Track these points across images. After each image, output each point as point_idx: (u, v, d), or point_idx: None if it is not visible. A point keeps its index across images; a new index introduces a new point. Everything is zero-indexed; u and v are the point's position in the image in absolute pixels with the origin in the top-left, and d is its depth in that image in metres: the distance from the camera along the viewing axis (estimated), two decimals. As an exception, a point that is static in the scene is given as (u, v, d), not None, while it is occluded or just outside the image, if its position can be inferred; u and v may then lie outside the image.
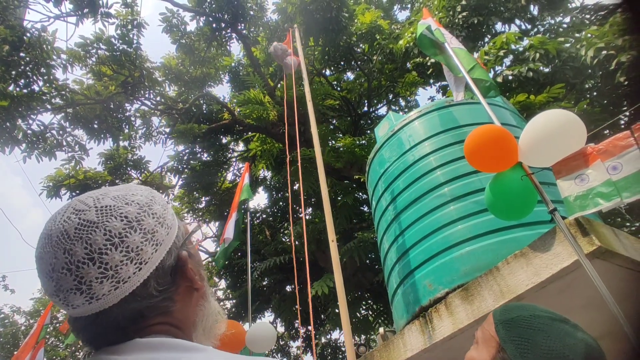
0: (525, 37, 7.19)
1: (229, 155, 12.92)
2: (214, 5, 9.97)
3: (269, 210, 12.63)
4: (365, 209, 10.52)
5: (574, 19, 7.76)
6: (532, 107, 6.03)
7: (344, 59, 10.76)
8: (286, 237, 10.98)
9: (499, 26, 8.71)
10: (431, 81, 10.56)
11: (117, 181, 10.87)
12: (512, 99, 6.10)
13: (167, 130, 11.73)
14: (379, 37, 9.81)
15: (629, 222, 6.97)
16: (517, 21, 8.63)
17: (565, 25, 8.08)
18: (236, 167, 13.34)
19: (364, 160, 8.59)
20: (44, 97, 8.23)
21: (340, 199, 9.53)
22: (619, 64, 5.69)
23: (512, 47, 7.04)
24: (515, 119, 3.69)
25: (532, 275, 2.14)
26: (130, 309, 0.57)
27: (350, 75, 12.47)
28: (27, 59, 7.44)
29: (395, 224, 3.54)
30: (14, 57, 7.17)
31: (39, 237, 0.58)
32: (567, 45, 6.63)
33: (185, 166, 11.84)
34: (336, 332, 12.20)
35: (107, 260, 0.54)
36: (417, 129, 3.80)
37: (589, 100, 6.57)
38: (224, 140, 12.41)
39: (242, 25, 10.47)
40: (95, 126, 9.67)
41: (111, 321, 0.56)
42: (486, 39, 8.70)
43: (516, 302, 0.92)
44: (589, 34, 6.30)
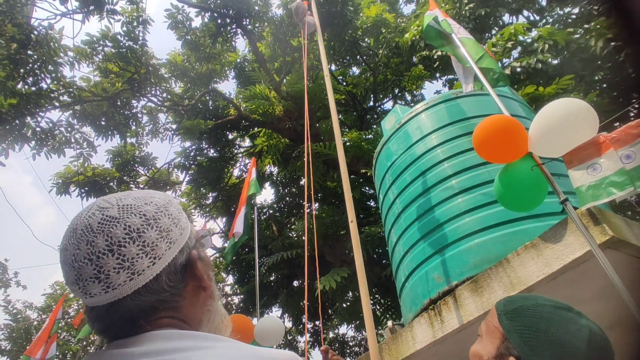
0: (533, 28, 7.10)
1: (236, 151, 12.95)
2: (218, 1, 9.95)
3: (276, 205, 12.66)
4: (372, 203, 10.51)
5: (583, 9, 7.63)
6: (541, 99, 5.96)
7: (349, 54, 10.71)
8: (293, 232, 11.00)
9: (506, 17, 8.61)
10: (437, 75, 10.46)
11: (125, 178, 10.96)
12: (520, 91, 6.03)
13: (174, 126, 11.78)
14: (384, 31, 9.74)
15: (639, 215, 6.88)
16: (525, 12, 8.52)
17: (574, 15, 7.94)
18: (242, 163, 13.38)
19: (370, 154, 8.57)
20: (52, 94, 8.30)
21: (346, 193, 9.50)
22: (628, 55, 5.60)
23: (520, 38, 6.95)
24: (524, 110, 3.65)
25: (543, 266, 2.12)
26: (142, 301, 0.60)
27: (355, 69, 12.42)
28: (35, 56, 7.50)
29: (402, 217, 3.53)
30: (22, 55, 7.23)
31: (65, 231, 0.63)
32: (576, 36, 6.53)
33: (192, 162, 11.89)
34: (343, 327, 12.25)
35: (124, 252, 0.59)
36: (425, 121, 3.77)
37: (598, 91, 6.48)
38: (230, 136, 12.43)
39: (247, 20, 10.45)
40: (102, 123, 9.74)
41: (124, 312, 0.60)
42: (493, 30, 8.60)
43: (519, 294, 0.92)
44: (598, 25, 6.20)
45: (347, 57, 11.02)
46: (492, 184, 2.49)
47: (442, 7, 8.10)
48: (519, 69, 6.44)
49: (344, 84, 11.83)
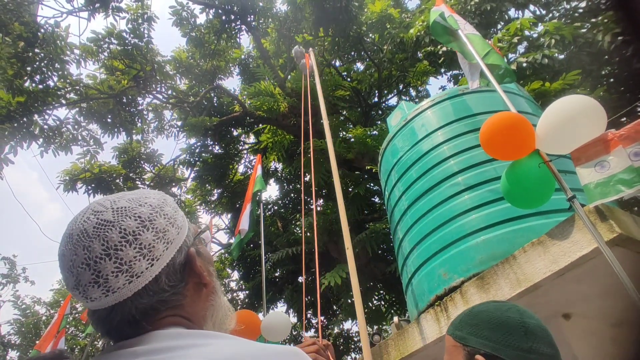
0: (539, 23, 7.03)
1: (240, 147, 12.98)
2: (223, -3, 9.95)
3: (281, 201, 12.70)
4: (376, 199, 10.51)
5: (590, 3, 7.54)
6: (547, 95, 5.92)
7: (354, 49, 10.66)
8: (298, 228, 11.04)
9: (512, 12, 8.54)
10: (442, 70, 10.41)
11: (130, 174, 11.04)
12: (526, 87, 5.99)
13: (179, 123, 11.82)
14: (389, 26, 9.68)
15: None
16: (531, 6, 8.43)
17: (581, 9, 7.85)
18: (247, 159, 13.42)
19: (375, 150, 8.56)
20: (58, 92, 8.36)
21: (351, 189, 9.53)
22: (635, 49, 5.54)
23: (527, 33, 6.88)
24: (530, 107, 3.64)
25: (549, 263, 2.13)
26: (143, 303, 0.61)
27: (360, 65, 12.37)
28: (42, 54, 7.55)
29: (409, 214, 3.54)
30: (29, 54, 7.28)
31: (62, 237, 0.62)
32: (584, 30, 6.45)
33: (197, 159, 11.95)
34: (349, 322, 12.31)
35: (122, 255, 0.59)
36: (430, 117, 3.77)
37: (605, 87, 6.41)
38: (235, 132, 12.46)
39: (252, 17, 10.43)
40: (108, 120, 9.80)
41: (125, 314, 0.60)
42: (499, 25, 8.53)
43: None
44: (605, 19, 6.13)
45: (352, 53, 10.98)
46: (499, 180, 2.49)
47: (447, 2, 8.04)
48: (525, 64, 6.38)
49: (349, 79, 11.80)
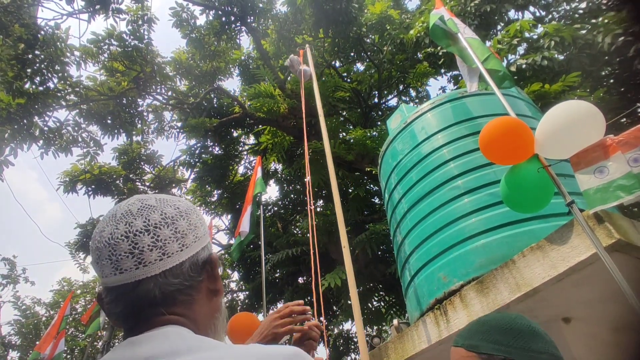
0: (539, 25, 7.03)
1: (240, 148, 12.99)
2: (223, -2, 9.95)
3: (280, 202, 12.70)
4: (376, 200, 10.51)
5: (590, 4, 7.55)
6: (547, 97, 5.92)
7: (353, 50, 10.67)
8: (298, 229, 11.04)
9: (512, 13, 8.54)
10: (442, 71, 10.41)
11: (131, 175, 11.04)
12: (526, 89, 5.99)
13: (179, 124, 11.83)
14: (389, 27, 9.69)
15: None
16: (531, 8, 8.44)
17: (581, 11, 7.86)
18: (247, 160, 13.43)
19: (375, 152, 8.56)
20: (59, 94, 8.37)
21: (351, 191, 9.54)
22: (638, 50, 5.54)
23: (526, 35, 6.89)
24: (530, 110, 3.64)
25: (548, 268, 2.13)
26: (166, 284, 0.64)
27: (360, 66, 12.37)
28: (42, 56, 7.56)
29: (408, 217, 3.54)
30: (29, 55, 7.29)
31: (103, 218, 0.69)
32: (584, 31, 6.45)
33: (197, 160, 11.95)
34: (348, 323, 12.31)
35: (159, 233, 0.65)
36: (430, 120, 3.77)
37: (606, 88, 6.42)
38: (235, 133, 12.46)
39: (252, 18, 10.44)
40: (108, 122, 9.81)
41: (148, 292, 0.63)
42: (499, 27, 8.53)
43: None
44: (605, 20, 6.13)
45: (352, 54, 10.98)
46: (498, 184, 2.49)
47: (447, 3, 8.04)
48: (524, 66, 6.39)
49: (348, 80, 11.80)
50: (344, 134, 10.53)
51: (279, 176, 12.86)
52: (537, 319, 2.46)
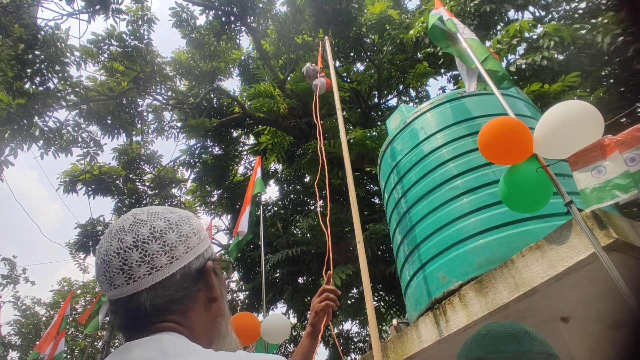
0: (539, 25, 7.04)
1: (240, 148, 13.00)
2: (222, -2, 9.96)
3: (280, 203, 12.71)
4: (376, 200, 10.52)
5: (590, 4, 7.56)
6: (547, 97, 5.93)
7: (353, 50, 10.68)
8: (298, 229, 11.04)
9: (511, 13, 8.54)
10: (442, 71, 10.42)
11: (131, 175, 11.05)
12: (525, 89, 6.00)
13: (179, 124, 11.83)
14: (389, 28, 9.69)
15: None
16: (531, 8, 8.44)
17: (580, 11, 7.87)
18: (247, 161, 13.44)
19: (375, 152, 8.56)
20: (59, 94, 8.38)
21: (351, 191, 9.51)
22: (637, 50, 5.55)
23: (526, 35, 6.90)
24: (529, 110, 3.64)
25: (547, 267, 2.13)
26: (157, 296, 0.66)
27: (360, 66, 12.38)
28: (42, 56, 7.57)
29: (407, 217, 3.55)
30: (29, 56, 7.30)
31: (104, 233, 0.73)
32: (583, 32, 6.46)
33: (197, 160, 11.96)
34: (348, 323, 12.31)
35: (147, 248, 0.67)
36: (430, 120, 3.78)
37: (605, 88, 6.43)
38: (235, 133, 12.47)
39: (251, 18, 10.45)
40: (108, 122, 9.81)
41: (140, 305, 0.66)
42: (499, 27, 8.54)
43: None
44: (605, 20, 6.14)
45: (352, 54, 10.99)
46: (498, 184, 2.50)
47: (446, 3, 8.05)
48: (524, 66, 6.40)
49: (348, 80, 11.81)
50: (344, 134, 10.51)
51: (279, 176, 12.87)
52: (535, 318, 2.47)
